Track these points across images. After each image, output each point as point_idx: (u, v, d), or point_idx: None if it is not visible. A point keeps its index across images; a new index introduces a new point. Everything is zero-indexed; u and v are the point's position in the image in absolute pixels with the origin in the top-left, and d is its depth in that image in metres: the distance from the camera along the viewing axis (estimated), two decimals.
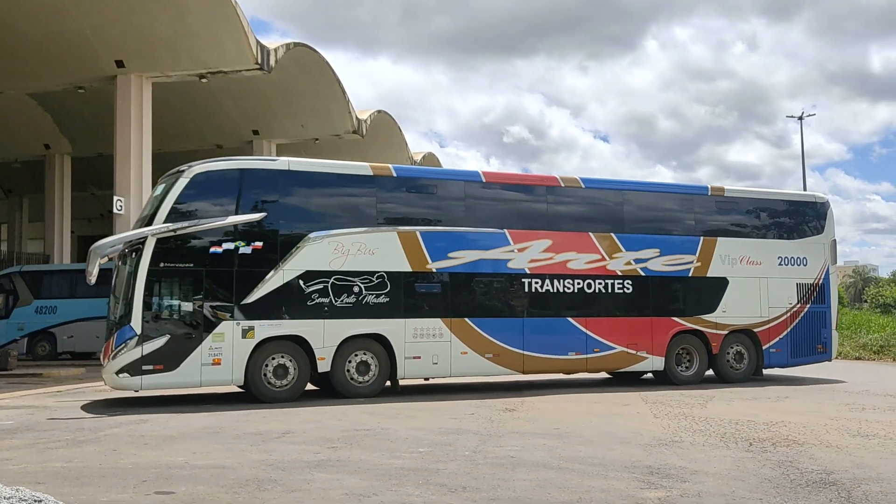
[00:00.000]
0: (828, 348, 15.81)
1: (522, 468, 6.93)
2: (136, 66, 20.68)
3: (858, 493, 6.06)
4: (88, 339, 22.75)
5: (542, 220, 14.01)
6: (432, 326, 12.85)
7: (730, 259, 15.03)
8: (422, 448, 7.92)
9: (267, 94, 26.26)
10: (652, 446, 8.05)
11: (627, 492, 6.08)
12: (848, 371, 17.25)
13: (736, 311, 14.97)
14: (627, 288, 14.30)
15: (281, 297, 11.94)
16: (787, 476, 6.65)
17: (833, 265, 16.12)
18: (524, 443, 8.25)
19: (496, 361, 13.25)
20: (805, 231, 16.00)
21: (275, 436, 8.68)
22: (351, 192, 12.85)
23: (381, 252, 12.61)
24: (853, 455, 7.58)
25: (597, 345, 13.92)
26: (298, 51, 23.86)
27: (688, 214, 15.18)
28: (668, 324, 14.53)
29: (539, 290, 13.69)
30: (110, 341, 11.50)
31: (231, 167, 12.37)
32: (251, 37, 20.16)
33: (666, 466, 7.01)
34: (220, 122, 27.88)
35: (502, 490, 6.12)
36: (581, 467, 7.00)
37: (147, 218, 11.90)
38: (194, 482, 6.35)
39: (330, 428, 9.27)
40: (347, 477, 6.56)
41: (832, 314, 15.92)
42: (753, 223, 15.73)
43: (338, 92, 26.80)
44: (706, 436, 8.72)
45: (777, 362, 15.39)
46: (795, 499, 5.88)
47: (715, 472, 6.83)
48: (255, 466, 6.96)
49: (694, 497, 5.92)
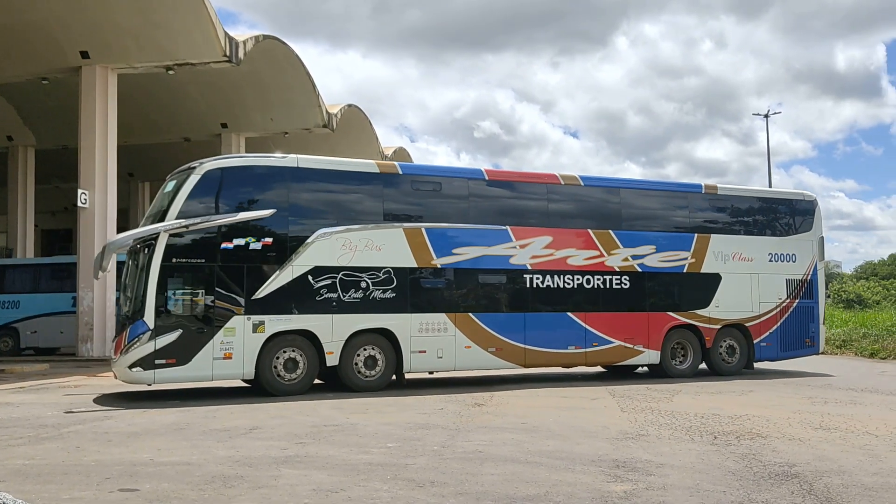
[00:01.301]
0: (816, 342, 16.29)
1: (490, 462, 6.95)
2: (102, 57, 20.38)
3: (820, 485, 6.17)
4: (52, 334, 22.44)
5: (543, 217, 14.28)
6: (437, 321, 13.11)
7: (723, 255, 15.41)
8: (390, 443, 7.91)
9: (236, 86, 26.02)
10: (618, 440, 8.13)
11: (594, 485, 6.13)
12: (818, 365, 17.53)
13: (728, 306, 15.37)
14: (625, 284, 14.60)
15: (290, 292, 12.14)
16: (750, 469, 6.75)
17: (821, 261, 16.54)
18: (492, 437, 8.28)
19: (499, 355, 13.50)
20: (794, 228, 16.41)
21: (242, 432, 8.61)
22: (358, 189, 13.07)
23: (387, 248, 12.84)
24: (815, 448, 7.72)
25: (595, 339, 14.24)
26: (268, 43, 23.66)
27: (682, 212, 15.53)
28: (663, 318, 14.87)
29: (540, 285, 13.98)
30: (122, 336, 11.63)
31: (241, 164, 12.59)
32: (219, 28, 19.96)
33: (632, 460, 7.08)
34: (188, 115, 27.57)
35: (470, 484, 6.13)
36: (548, 461, 7.04)
37: (159, 214, 12.00)
38: (159, 479, 6.28)
39: (298, 423, 9.22)
40: (315, 472, 6.53)
41: (820, 309, 16.37)
42: (745, 220, 16.13)
43: (307, 85, 26.63)
44: (672, 429, 8.82)
45: (767, 356, 15.81)
46: (758, 491, 5.97)
47: (680, 465, 6.91)
48: (221, 463, 6.90)
49: (659, 490, 5.99)
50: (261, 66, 24.75)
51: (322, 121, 27.77)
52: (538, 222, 14.18)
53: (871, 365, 19.66)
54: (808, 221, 16.47)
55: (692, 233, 15.30)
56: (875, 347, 22.60)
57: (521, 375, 15.39)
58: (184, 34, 19.95)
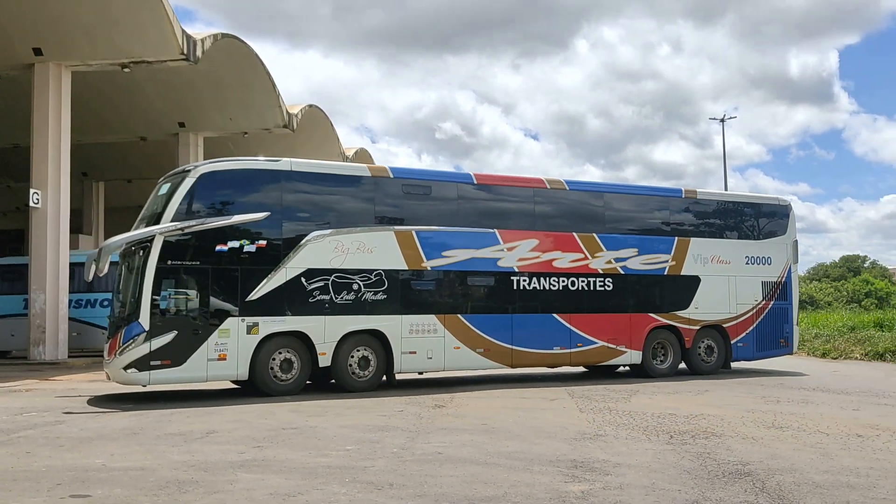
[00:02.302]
0: (790, 342, 16.85)
1: (449, 464, 6.95)
2: (55, 53, 19.92)
3: (772, 483, 6.28)
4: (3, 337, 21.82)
5: (530, 221, 14.60)
6: (427, 322, 13.33)
7: (701, 258, 15.86)
8: (349, 446, 7.86)
9: (194, 85, 25.63)
10: (577, 440, 8.19)
11: (552, 485, 6.16)
12: (773, 364, 17.86)
13: (707, 307, 15.83)
14: (608, 285, 14.96)
15: (284, 294, 12.28)
16: (704, 467, 6.85)
17: (795, 264, 17.08)
18: (452, 439, 8.28)
19: (487, 356, 13.77)
20: (769, 232, 16.96)
21: (198, 436, 8.49)
22: (350, 192, 13.25)
23: (378, 251, 13.04)
24: (768, 446, 7.87)
25: (580, 340, 14.58)
26: (226, 42, 23.37)
27: (663, 216, 15.99)
28: (645, 320, 15.24)
29: (526, 287, 14.27)
30: (117, 337, 11.65)
31: (235, 167, 12.64)
32: (176, 26, 19.65)
33: (589, 460, 7.14)
34: (145, 114, 27.10)
35: (429, 486, 6.12)
36: (507, 462, 7.07)
37: (154, 217, 12.07)
38: (111, 485, 6.16)
39: (256, 427, 9.12)
40: (272, 476, 6.46)
41: (794, 310, 16.93)
42: (723, 224, 16.69)
43: (267, 85, 26.36)
44: (629, 429, 8.92)
45: (744, 356, 16.32)
46: (712, 489, 6.06)
47: (636, 464, 6.98)
48: (175, 468, 6.79)
49: (615, 489, 6.04)
50: (219, 65, 24.42)
51: (282, 121, 27.50)
52: (525, 225, 14.50)
53: (822, 364, 20.10)
54: (782, 226, 17.06)
55: (672, 236, 15.76)
56: (826, 347, 23.13)
57: (481, 377, 15.43)
58: (140, 31, 19.60)
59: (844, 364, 20.40)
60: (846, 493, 5.94)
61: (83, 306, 20.99)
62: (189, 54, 20.24)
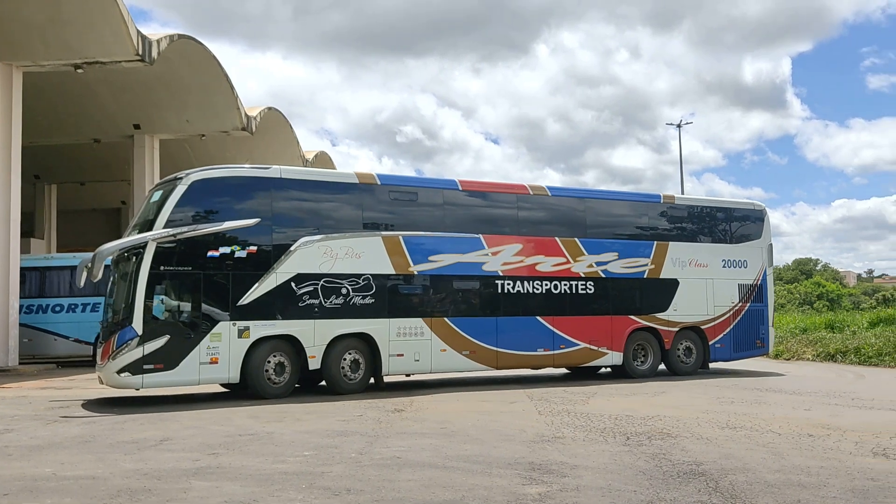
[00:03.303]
0: (766, 343, 17.36)
1: (408, 468, 6.93)
2: (5, 54, 19.44)
3: (725, 482, 6.38)
4: None
5: (513, 226, 14.94)
6: (414, 326, 13.62)
7: (680, 262, 16.29)
8: (307, 451, 7.79)
9: (149, 87, 25.23)
10: (535, 443, 8.23)
11: (510, 488, 6.18)
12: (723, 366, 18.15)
13: (686, 309, 16.26)
14: (590, 289, 15.35)
15: (274, 298, 12.52)
16: (659, 468, 6.93)
17: (770, 267, 17.57)
18: (411, 443, 8.26)
19: (472, 358, 14.07)
20: (745, 236, 17.46)
21: (151, 444, 8.34)
22: (338, 198, 13.54)
23: (366, 255, 13.31)
24: (721, 447, 7.99)
25: (563, 342, 14.93)
26: (183, 43, 23.05)
27: (643, 221, 16.42)
28: (625, 322, 15.63)
29: (511, 291, 14.60)
30: (110, 342, 11.77)
31: (226, 175, 12.85)
32: (131, 26, 19.32)
33: (547, 462, 7.18)
34: (99, 116, 26.60)
35: (387, 491, 6.10)
36: (466, 465, 7.07)
37: (146, 223, 12.23)
38: (61, 494, 6.02)
39: (211, 433, 8.99)
40: (227, 484, 6.37)
41: (769, 312, 17.44)
42: (700, 229, 17.13)
43: (225, 87, 26.06)
44: (587, 431, 8.99)
45: (721, 356, 16.78)
46: (667, 490, 6.13)
47: (593, 465, 7.04)
48: (128, 476, 6.66)
49: (572, 491, 6.08)
50: (176, 67, 24.09)
51: (241, 123, 27.18)
52: (509, 231, 14.82)
53: (776, 366, 20.48)
54: (757, 229, 17.57)
55: (652, 240, 16.17)
56: (780, 349, 23.58)
57: (441, 380, 15.42)
58: (93, 31, 19.23)
59: (797, 365, 20.84)
60: (797, 492, 6.06)
61: (35, 312, 20.52)
62: (144, 55, 19.92)
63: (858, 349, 20.89)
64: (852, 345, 21.39)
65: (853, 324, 25.14)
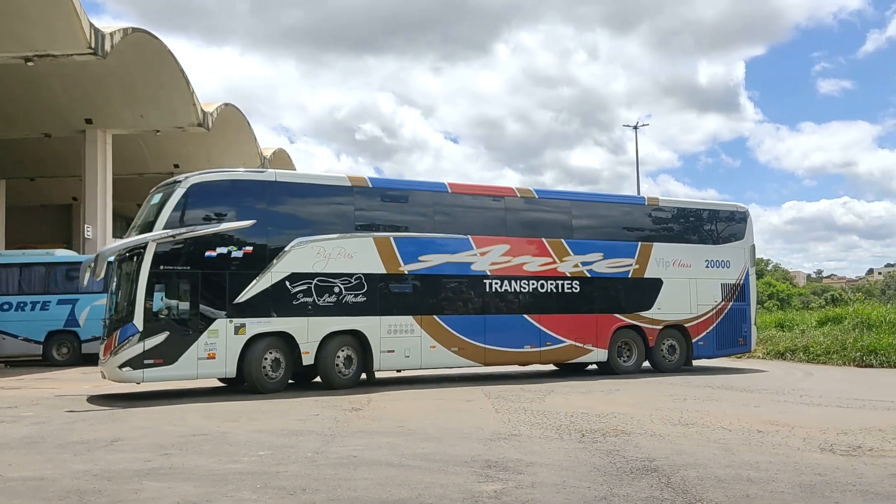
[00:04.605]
0: (748, 341, 17.81)
1: (364, 467, 6.91)
2: None
3: (677, 478, 6.49)
4: None
5: (501, 227, 15.35)
6: (404, 323, 14.06)
7: (664, 262, 16.70)
8: (262, 451, 7.72)
9: (102, 81, 24.75)
10: (491, 440, 8.27)
11: (466, 486, 6.20)
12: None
13: (669, 308, 16.66)
14: (575, 288, 15.78)
15: (269, 296, 12.98)
16: (613, 464, 7.02)
17: (752, 267, 18.02)
18: (368, 442, 8.24)
19: (461, 354, 14.51)
20: (728, 237, 17.87)
21: (102, 444, 8.18)
22: (331, 200, 14.00)
23: (358, 256, 13.75)
24: (674, 443, 8.13)
25: (549, 339, 15.37)
26: (137, 36, 22.67)
27: (627, 222, 16.84)
28: (610, 320, 16.06)
29: (498, 290, 15.05)
30: (112, 338, 12.22)
31: (223, 178, 13.35)
32: (84, 19, 18.94)
33: (503, 460, 7.22)
34: (50, 109, 26.01)
35: (343, 490, 6.08)
36: (422, 464, 7.08)
37: (147, 225, 12.67)
38: (9, 496, 5.88)
39: (164, 434, 8.85)
40: (180, 484, 6.29)
41: (751, 311, 17.86)
42: (684, 230, 17.57)
43: (180, 82, 25.69)
44: (543, 428, 9.06)
45: (704, 354, 17.22)
46: (620, 485, 6.22)
47: (549, 462, 7.11)
48: (77, 477, 6.52)
49: (528, 488, 6.13)
50: (130, 60, 23.66)
51: (197, 119, 26.82)
52: (497, 232, 15.24)
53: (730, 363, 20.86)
54: (740, 230, 18.02)
55: (636, 241, 16.58)
56: None
57: (401, 378, 15.41)
58: (45, 24, 18.80)
59: (748, 363, 21.25)
60: (746, 487, 6.19)
61: None
62: (97, 48, 19.55)
63: (807, 347, 21.37)
64: (801, 343, 21.88)
65: (802, 323, 25.67)
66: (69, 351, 19.97)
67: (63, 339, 19.99)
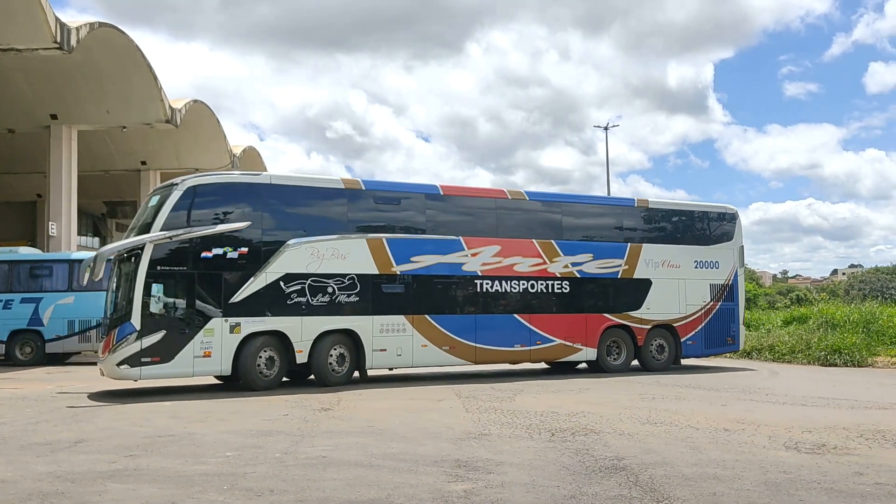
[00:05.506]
0: (736, 340, 18.06)
1: (334, 467, 6.87)
2: None
3: (645, 476, 6.54)
4: None
5: (492, 228, 15.60)
6: (396, 322, 14.30)
7: (653, 263, 16.93)
8: (229, 452, 7.64)
9: (68, 75, 24.33)
10: (462, 440, 8.26)
11: (435, 486, 6.19)
12: None
13: (658, 308, 16.90)
14: (565, 288, 15.99)
15: (264, 296, 13.25)
16: (582, 463, 7.05)
17: (741, 268, 18.28)
18: (337, 442, 8.19)
19: (452, 353, 14.76)
20: (717, 238, 18.07)
21: (65, 445, 8.03)
22: (325, 202, 14.26)
23: (351, 256, 14.01)
24: (642, 441, 8.18)
25: (539, 338, 15.61)
26: (104, 31, 22.32)
27: (617, 223, 17.08)
28: (599, 319, 16.30)
29: (489, 290, 15.28)
30: (111, 336, 12.49)
31: (219, 181, 13.63)
32: (49, 12, 18.60)
33: (473, 459, 7.22)
34: (14, 105, 25.52)
35: (311, 491, 6.03)
36: (392, 464, 7.05)
37: (145, 226, 12.92)
38: None
39: (129, 435, 8.72)
40: (145, 486, 6.19)
41: (740, 311, 18.11)
42: (673, 231, 17.76)
43: (148, 77, 25.36)
44: (513, 428, 9.08)
45: (693, 353, 17.50)
46: (589, 484, 6.25)
47: (519, 462, 7.11)
48: (39, 479, 6.40)
49: (497, 488, 6.13)
50: (96, 55, 23.30)
51: (164, 116, 26.48)
52: (488, 233, 15.47)
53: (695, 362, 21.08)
54: (729, 232, 18.26)
55: (626, 242, 16.81)
56: None
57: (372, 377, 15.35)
58: (8, 17, 18.44)
59: (715, 362, 21.49)
60: (713, 485, 6.25)
61: None
62: (63, 43, 19.22)
63: (773, 347, 21.70)
64: (767, 342, 22.21)
65: (768, 322, 26.07)
66: (32, 350, 19.60)
67: (26, 339, 19.60)
